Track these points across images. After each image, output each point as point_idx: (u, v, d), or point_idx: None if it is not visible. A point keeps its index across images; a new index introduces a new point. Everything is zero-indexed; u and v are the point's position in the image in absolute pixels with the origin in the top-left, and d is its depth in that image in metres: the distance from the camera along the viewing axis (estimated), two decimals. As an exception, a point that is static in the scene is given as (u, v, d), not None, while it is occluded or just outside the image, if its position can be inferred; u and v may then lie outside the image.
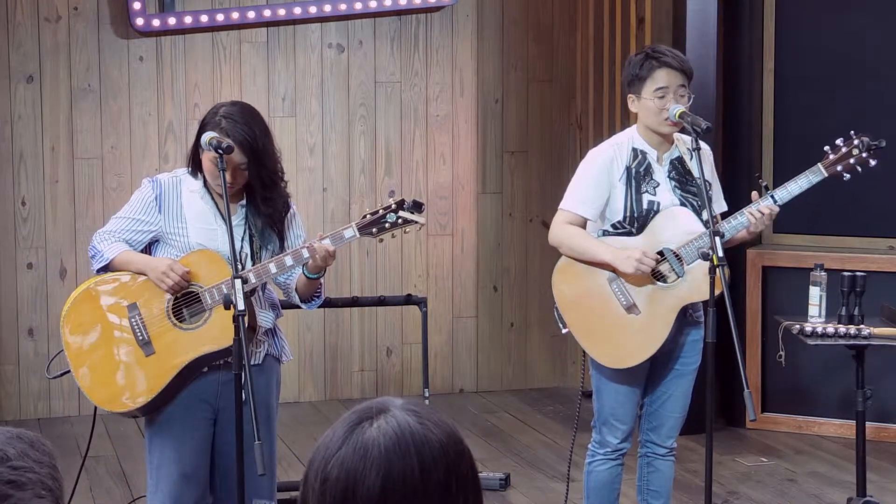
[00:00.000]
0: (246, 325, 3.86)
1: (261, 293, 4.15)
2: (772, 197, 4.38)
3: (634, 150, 4.39)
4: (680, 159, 4.41)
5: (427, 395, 5.74)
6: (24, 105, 6.97)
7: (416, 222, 3.99)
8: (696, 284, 4.31)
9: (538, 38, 7.67)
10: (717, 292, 4.17)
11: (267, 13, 7.18)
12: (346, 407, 7.24)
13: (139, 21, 6.99)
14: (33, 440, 1.80)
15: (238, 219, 4.07)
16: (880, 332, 4.56)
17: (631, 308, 4.34)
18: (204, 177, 4.06)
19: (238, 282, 3.88)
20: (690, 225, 4.33)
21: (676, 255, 4.33)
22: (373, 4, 7.33)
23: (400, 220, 4.00)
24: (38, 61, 6.98)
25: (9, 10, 6.91)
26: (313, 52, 7.35)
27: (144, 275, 4.01)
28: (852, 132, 4.48)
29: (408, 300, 5.98)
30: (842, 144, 4.43)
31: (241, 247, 4.06)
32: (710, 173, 4.47)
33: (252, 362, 4.04)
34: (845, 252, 6.56)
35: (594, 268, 4.37)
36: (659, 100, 4.30)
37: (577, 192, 4.40)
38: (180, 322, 4.03)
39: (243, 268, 4.00)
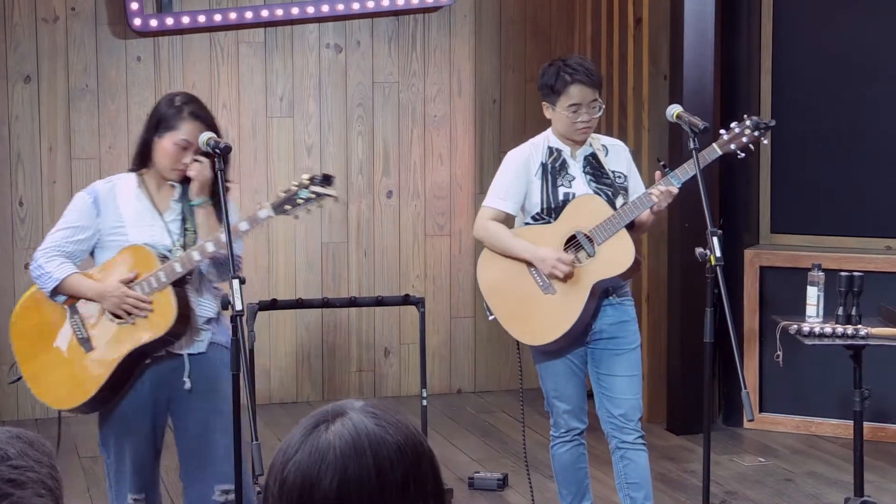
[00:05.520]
0: (175, 315, 4.02)
1: (200, 282, 4.21)
2: (672, 178, 4.54)
3: (550, 148, 4.66)
4: (594, 155, 4.66)
5: (425, 395, 5.74)
6: (22, 105, 6.96)
7: (329, 195, 4.07)
8: (605, 261, 4.54)
9: (536, 38, 7.68)
10: (620, 271, 4.50)
11: (264, 13, 7.18)
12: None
13: (137, 21, 6.99)
14: (33, 440, 1.81)
15: (173, 214, 4.16)
16: (878, 333, 4.56)
17: (547, 288, 4.59)
18: (141, 175, 4.17)
19: (236, 282, 3.91)
20: (600, 209, 4.57)
21: (587, 237, 4.55)
22: (370, 5, 7.33)
23: (312, 195, 4.08)
24: (36, 62, 6.97)
25: (6, 11, 6.91)
26: (311, 52, 7.35)
27: (96, 302, 4.10)
28: (745, 115, 4.66)
29: (405, 300, 5.98)
30: (735, 126, 4.59)
31: (181, 239, 4.14)
32: (627, 166, 4.73)
33: (194, 351, 4.17)
34: (843, 252, 6.56)
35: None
36: (572, 114, 4.57)
37: (497, 190, 4.70)
38: (116, 318, 4.12)
39: None
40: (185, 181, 4.16)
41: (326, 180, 4.09)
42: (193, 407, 4.15)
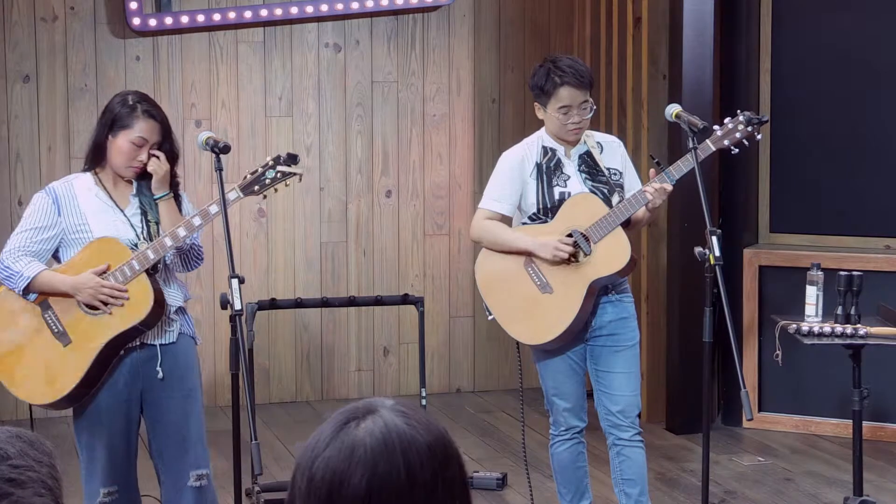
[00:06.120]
0: (152, 301, 4.09)
1: (167, 273, 4.27)
2: (667, 175, 4.55)
3: (544, 147, 4.67)
4: (588, 153, 4.67)
5: (424, 394, 5.74)
6: (21, 105, 6.96)
7: (295, 173, 4.22)
8: (602, 259, 4.55)
9: (535, 37, 7.68)
10: (617, 269, 4.51)
11: (263, 13, 7.17)
12: (343, 407, 7.23)
13: (136, 21, 6.99)
14: (33, 440, 1.81)
15: (133, 208, 4.21)
16: (877, 332, 4.56)
17: (545, 287, 4.59)
18: (96, 173, 4.21)
19: (235, 281, 3.93)
20: (595, 207, 4.58)
21: (584, 236, 4.56)
22: (369, 4, 7.33)
23: (279, 175, 4.20)
24: (35, 61, 6.97)
25: (5, 10, 6.91)
26: (310, 51, 7.35)
27: (70, 296, 4.11)
28: (738, 111, 4.65)
29: (404, 300, 5.98)
30: (728, 122, 4.61)
31: (144, 231, 4.20)
32: (622, 163, 4.74)
33: (166, 341, 4.21)
34: (842, 251, 6.56)
35: (510, 255, 4.65)
36: (563, 115, 4.58)
37: (492, 191, 4.70)
38: (92, 309, 4.14)
39: None
40: (141, 177, 4.22)
41: (292, 159, 4.21)
42: (168, 396, 4.19)
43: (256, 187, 4.20)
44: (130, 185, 4.23)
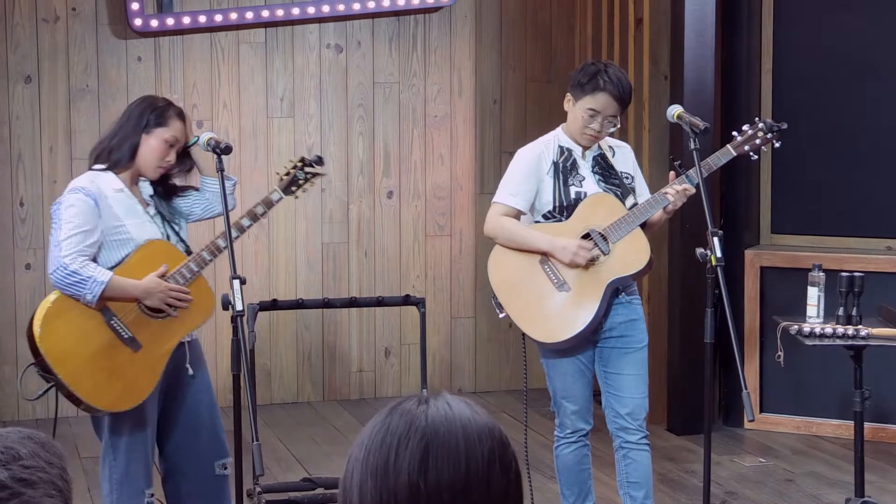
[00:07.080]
0: (215, 303, 4.20)
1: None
2: (686, 177, 4.55)
3: (560, 147, 4.67)
4: (602, 156, 4.69)
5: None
6: (23, 105, 6.96)
7: (321, 174, 4.43)
8: (620, 259, 4.53)
9: (536, 38, 7.68)
10: (635, 270, 4.51)
11: (265, 14, 7.18)
12: (344, 407, 7.24)
13: (137, 21, 6.99)
14: (45, 442, 1.82)
15: (152, 209, 4.25)
16: (878, 333, 4.56)
17: (562, 286, 4.55)
18: (116, 173, 4.19)
19: (236, 282, 3.94)
20: (613, 207, 4.58)
21: (602, 235, 4.55)
22: (371, 5, 7.33)
23: (309, 175, 4.38)
24: (37, 62, 6.98)
25: (7, 11, 6.91)
26: (311, 52, 7.35)
27: (137, 301, 4.09)
28: (756, 118, 4.73)
29: (406, 301, 5.98)
30: (748, 129, 4.66)
31: (165, 231, 4.24)
32: (633, 168, 4.75)
33: (190, 338, 4.26)
34: (843, 252, 6.56)
35: (525, 252, 4.61)
36: (588, 118, 4.57)
37: (508, 186, 4.65)
38: (156, 313, 4.14)
39: (189, 250, 4.24)
40: (160, 181, 4.26)
41: (318, 160, 4.39)
42: (195, 390, 4.24)
43: (293, 188, 4.34)
44: (137, 186, 4.25)
